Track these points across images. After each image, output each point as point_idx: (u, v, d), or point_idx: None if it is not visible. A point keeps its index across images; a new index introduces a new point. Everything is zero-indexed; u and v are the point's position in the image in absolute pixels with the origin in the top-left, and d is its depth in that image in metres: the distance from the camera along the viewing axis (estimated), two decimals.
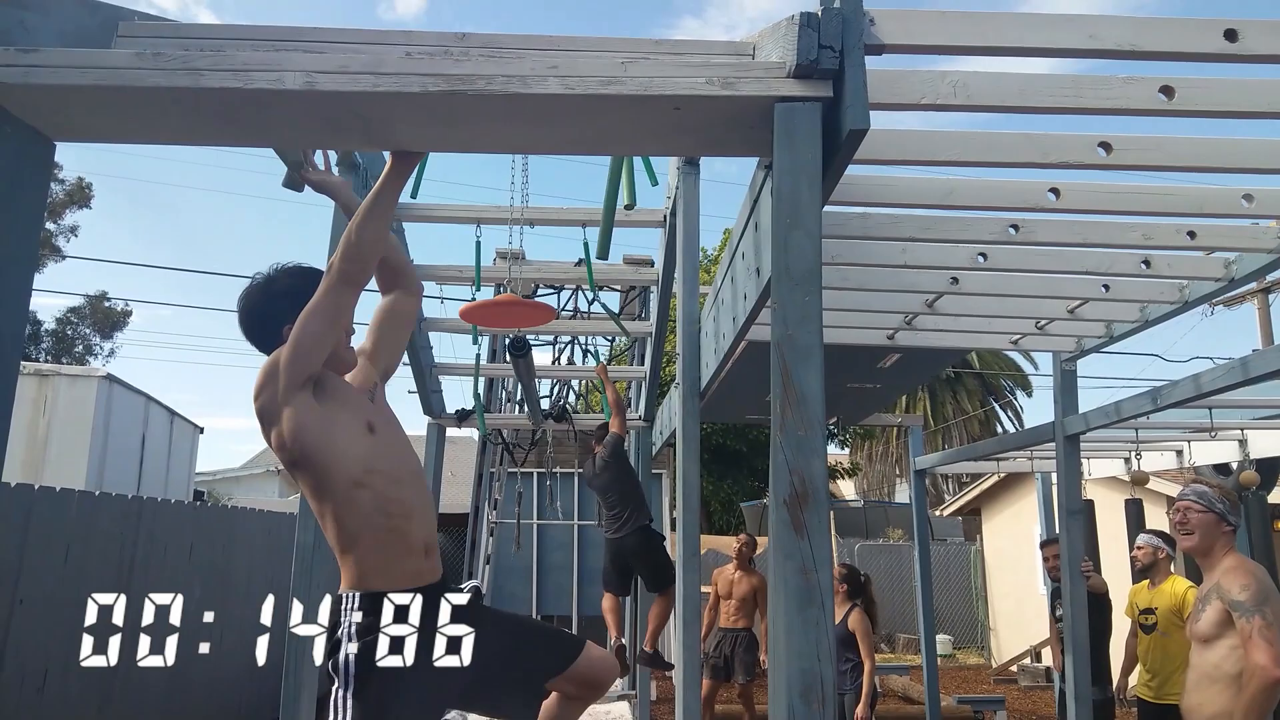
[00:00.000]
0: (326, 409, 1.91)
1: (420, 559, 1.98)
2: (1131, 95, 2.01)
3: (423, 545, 2.00)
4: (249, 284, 2.04)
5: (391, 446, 2.02)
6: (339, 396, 1.97)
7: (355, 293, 1.91)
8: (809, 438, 1.49)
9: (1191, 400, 3.73)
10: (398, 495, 1.96)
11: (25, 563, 4.25)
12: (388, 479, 1.95)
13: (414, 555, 1.97)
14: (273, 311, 1.97)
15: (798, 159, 1.55)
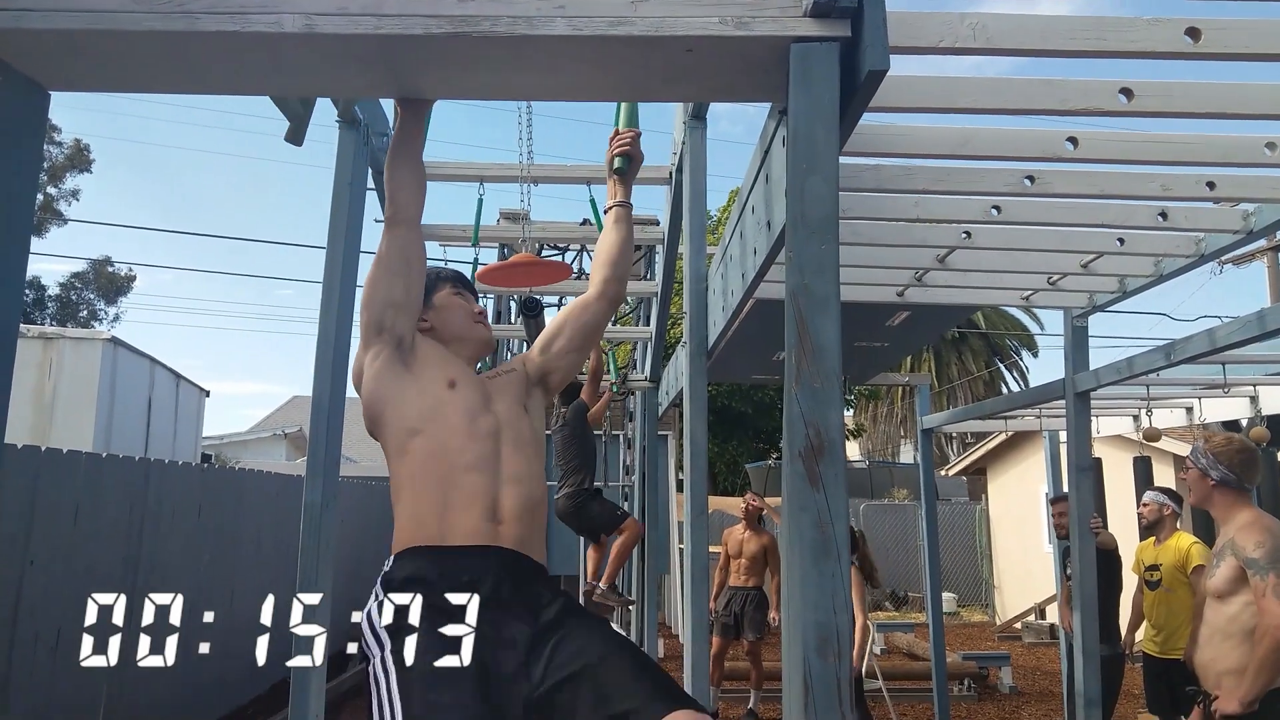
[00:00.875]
0: (408, 369, 1.87)
1: (475, 518, 1.72)
2: (1156, 37, 1.95)
3: (485, 506, 1.74)
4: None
5: (470, 403, 1.84)
6: (431, 360, 1.90)
7: (399, 235, 1.92)
8: (825, 389, 1.46)
9: (1205, 355, 3.68)
10: (458, 444, 1.77)
11: (35, 524, 4.26)
12: (451, 428, 1.79)
13: (467, 512, 1.72)
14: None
15: (814, 102, 1.50)
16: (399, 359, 1.87)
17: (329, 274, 3.34)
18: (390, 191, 1.94)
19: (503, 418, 1.88)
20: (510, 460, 1.82)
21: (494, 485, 1.77)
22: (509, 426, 1.87)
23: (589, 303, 2.15)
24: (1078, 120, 2.48)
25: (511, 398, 1.95)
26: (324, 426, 3.25)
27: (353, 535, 8.44)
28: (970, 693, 7.96)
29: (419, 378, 1.86)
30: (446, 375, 1.88)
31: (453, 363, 1.94)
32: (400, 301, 1.90)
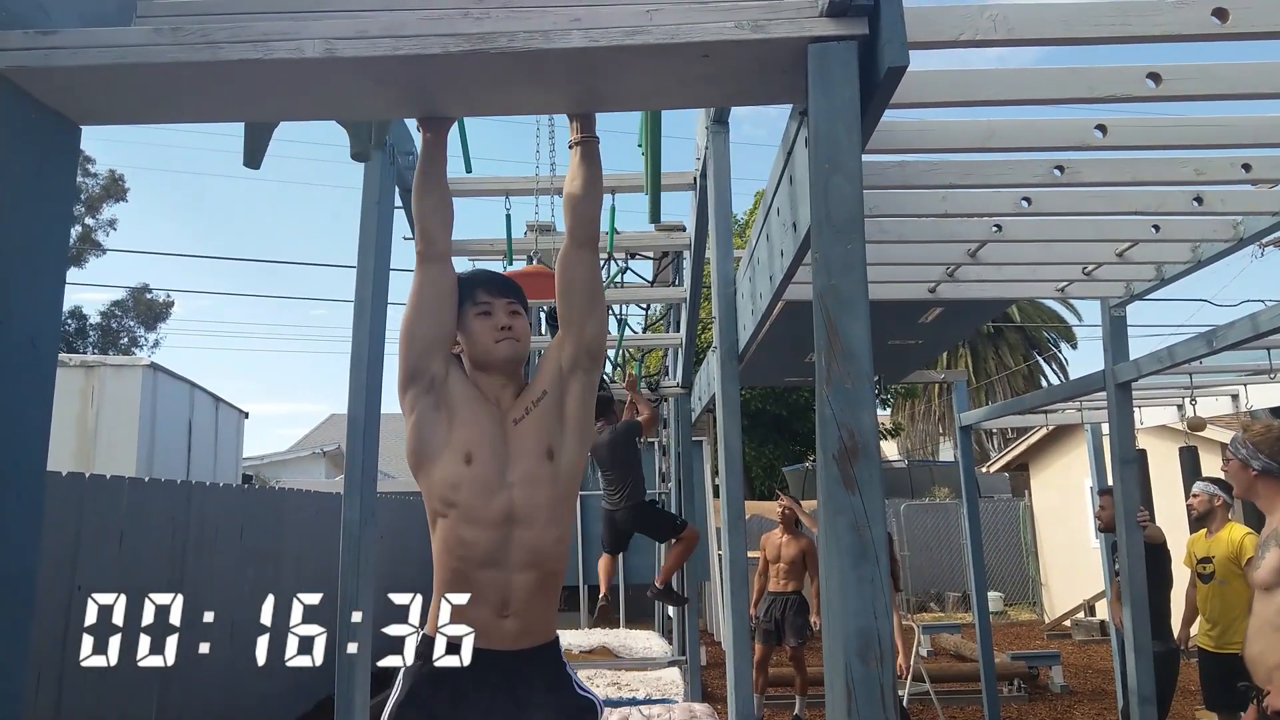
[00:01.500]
0: (439, 418, 1.91)
1: (488, 614, 1.84)
2: (1183, 20, 1.91)
3: (496, 601, 1.85)
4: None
5: (485, 482, 1.87)
6: (459, 410, 1.92)
7: (432, 270, 1.92)
8: (856, 390, 1.44)
9: (1248, 341, 3.60)
10: (471, 537, 1.84)
11: (80, 550, 4.34)
12: (465, 515, 1.85)
13: (481, 609, 1.84)
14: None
15: (834, 101, 1.49)
16: (433, 406, 1.91)
17: (360, 292, 3.38)
18: (421, 222, 1.93)
19: (517, 490, 1.89)
20: (520, 543, 1.87)
21: (505, 578, 1.86)
22: (524, 496, 1.90)
23: (571, 259, 2.01)
24: (1106, 107, 2.44)
25: (536, 449, 1.94)
26: (360, 444, 3.28)
27: (391, 551, 8.50)
28: (1020, 693, 7.83)
29: (445, 441, 1.90)
30: (466, 444, 1.89)
31: (478, 413, 1.94)
32: (437, 339, 1.94)
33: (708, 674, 7.71)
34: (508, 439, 1.92)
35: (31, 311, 1.60)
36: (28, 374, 1.59)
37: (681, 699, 5.96)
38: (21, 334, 1.58)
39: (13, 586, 1.53)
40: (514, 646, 1.87)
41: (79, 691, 4.18)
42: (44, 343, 1.64)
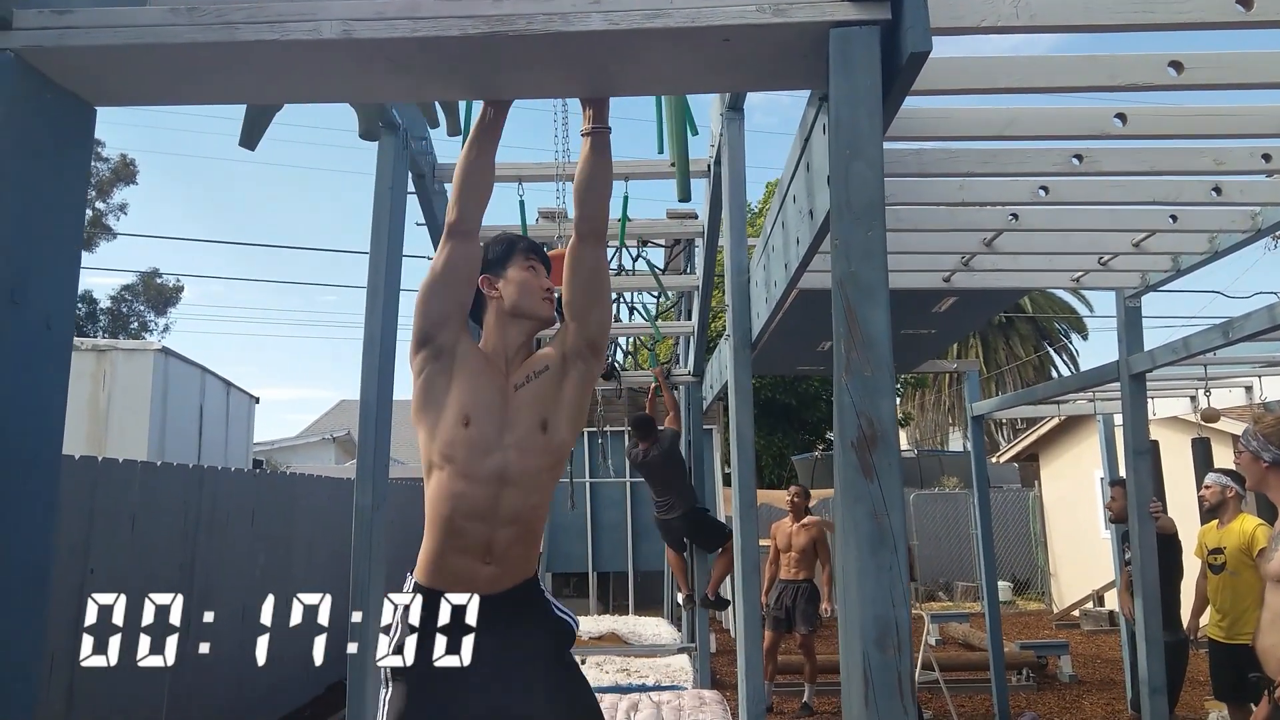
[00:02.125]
0: (441, 383, 1.96)
1: (471, 562, 1.94)
2: (1205, 7, 1.89)
3: (480, 551, 1.94)
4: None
5: (481, 442, 1.93)
6: (464, 375, 1.97)
7: (459, 244, 1.95)
8: (876, 378, 1.43)
9: (1265, 333, 3.57)
10: (462, 490, 1.92)
11: (94, 533, 4.36)
12: (459, 471, 1.92)
13: (464, 557, 1.94)
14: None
15: (856, 87, 1.47)
16: (439, 371, 1.96)
17: (373, 278, 3.38)
18: (459, 195, 1.94)
19: (512, 452, 1.96)
20: (510, 500, 1.95)
21: (491, 530, 1.93)
22: (519, 459, 1.96)
23: (576, 250, 2.04)
24: (1125, 96, 2.41)
25: (531, 417, 1.99)
26: (372, 429, 3.29)
27: (401, 536, 8.52)
28: (1029, 682, 7.83)
29: (447, 404, 1.95)
30: (467, 407, 1.94)
31: (482, 377, 1.99)
32: (451, 313, 1.97)
33: (716, 661, 7.72)
34: (507, 405, 1.98)
35: (47, 294, 1.60)
36: (44, 356, 1.59)
37: (691, 686, 5.98)
38: (37, 316, 1.58)
39: (29, 569, 1.54)
40: (491, 590, 1.93)
41: (92, 677, 4.21)
42: (59, 325, 1.64)
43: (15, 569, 1.51)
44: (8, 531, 1.49)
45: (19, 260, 1.54)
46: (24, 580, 1.53)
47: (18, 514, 1.51)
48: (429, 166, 4.14)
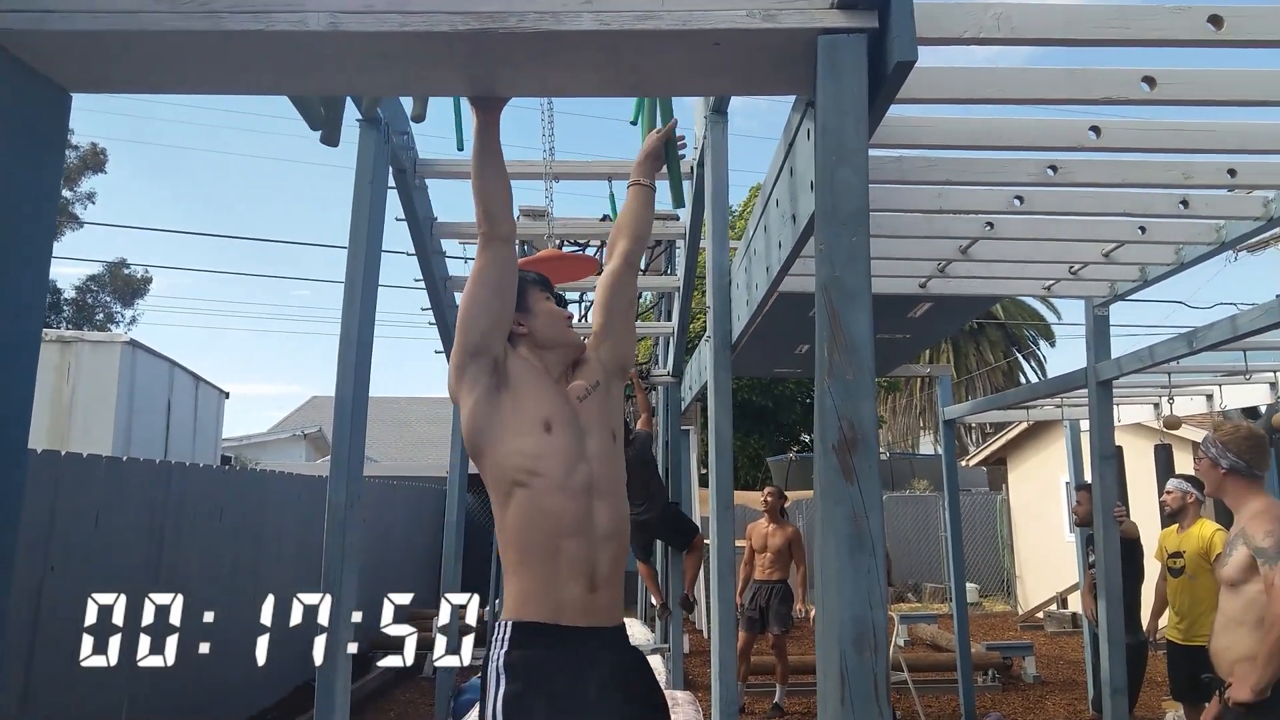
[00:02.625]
0: (503, 396, 1.86)
1: (580, 590, 1.76)
2: (1179, 25, 1.93)
3: (585, 574, 1.77)
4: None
5: (567, 451, 1.83)
6: (525, 386, 1.89)
7: (498, 251, 1.90)
8: (858, 381, 1.45)
9: (1227, 342, 3.65)
10: (557, 507, 1.78)
11: (55, 529, 4.27)
12: (550, 484, 1.78)
13: (571, 584, 1.76)
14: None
15: (843, 94, 1.49)
16: (494, 386, 1.86)
17: (351, 272, 3.35)
18: (484, 204, 1.89)
19: (595, 463, 1.87)
20: (602, 514, 1.84)
21: (592, 550, 1.79)
22: (602, 469, 1.88)
23: (620, 279, 2.15)
24: (1100, 109, 2.46)
25: (603, 427, 1.95)
26: (347, 427, 3.26)
27: (374, 536, 8.47)
28: (994, 683, 7.93)
29: (517, 413, 1.84)
30: (542, 413, 1.85)
31: (545, 388, 1.92)
32: (499, 320, 1.90)
33: (689, 662, 7.74)
34: (579, 414, 1.92)
35: (17, 285, 1.57)
36: (12, 349, 1.56)
37: (663, 687, 5.99)
38: (6, 308, 1.55)
39: None
40: (608, 623, 1.81)
41: (49, 675, 4.13)
42: (29, 317, 1.61)
43: None
44: None
45: None
46: None
47: None
48: (410, 161, 4.12)
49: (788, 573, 7.14)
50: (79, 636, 4.24)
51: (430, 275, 4.95)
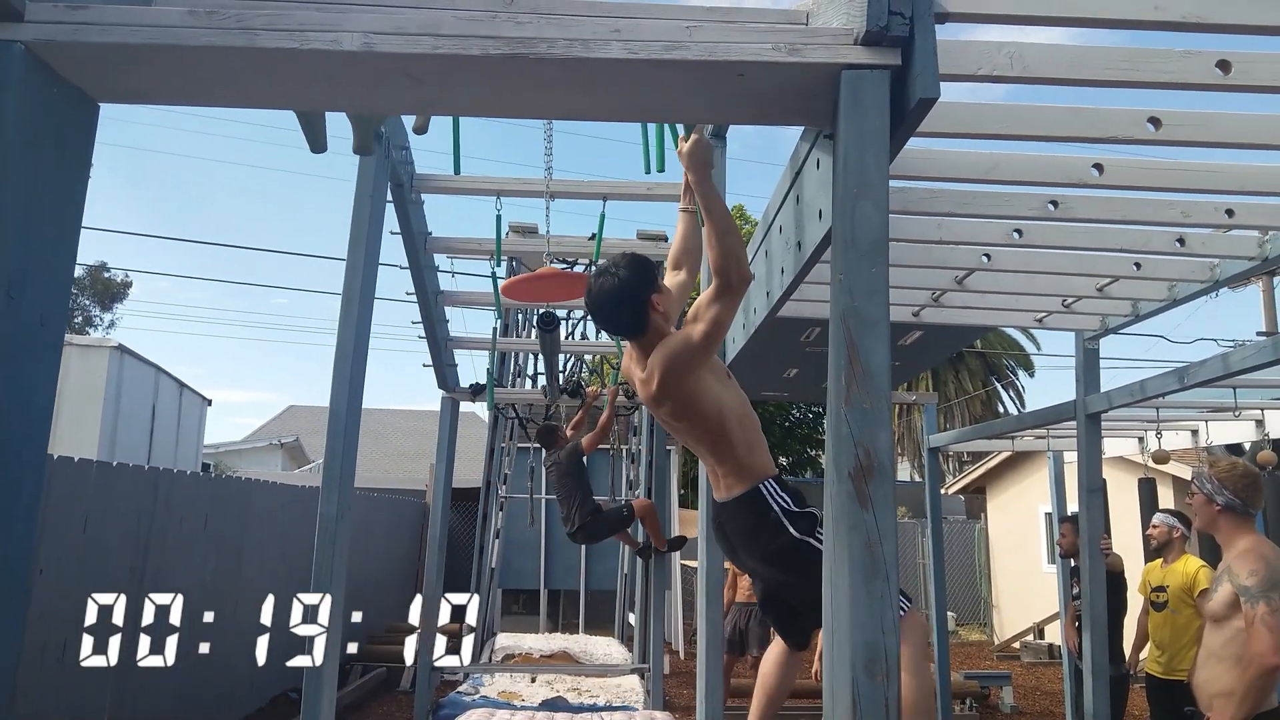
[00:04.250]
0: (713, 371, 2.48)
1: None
2: (1188, 69, 1.98)
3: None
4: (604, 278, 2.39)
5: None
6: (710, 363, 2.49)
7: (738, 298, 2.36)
8: (875, 410, 1.47)
9: (1218, 379, 3.71)
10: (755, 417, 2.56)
11: (44, 532, 4.24)
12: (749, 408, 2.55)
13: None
14: (633, 302, 2.37)
15: (865, 128, 1.52)
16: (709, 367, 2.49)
17: (349, 284, 3.35)
18: (723, 265, 2.24)
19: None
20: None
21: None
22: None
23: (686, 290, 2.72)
24: (1104, 147, 2.51)
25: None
26: (340, 438, 3.25)
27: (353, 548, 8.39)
28: (971, 712, 7.95)
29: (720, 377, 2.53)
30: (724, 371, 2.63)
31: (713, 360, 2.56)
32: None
33: (668, 683, 7.72)
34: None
35: (43, 290, 1.58)
36: (35, 353, 1.57)
37: (642, 707, 5.97)
38: (32, 313, 1.55)
39: (11, 564, 1.51)
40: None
41: (35, 680, 4.09)
42: (53, 322, 1.62)
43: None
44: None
45: (17, 256, 1.51)
46: (8, 577, 1.50)
47: (5, 510, 1.48)
48: (408, 176, 4.13)
49: None
50: (65, 639, 4.21)
51: (423, 289, 4.95)
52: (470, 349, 6.25)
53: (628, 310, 2.39)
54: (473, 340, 6.14)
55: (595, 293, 2.40)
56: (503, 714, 5.09)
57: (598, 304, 2.41)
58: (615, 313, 2.43)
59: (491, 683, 6.76)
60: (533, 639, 8.88)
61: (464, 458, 13.01)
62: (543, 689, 6.59)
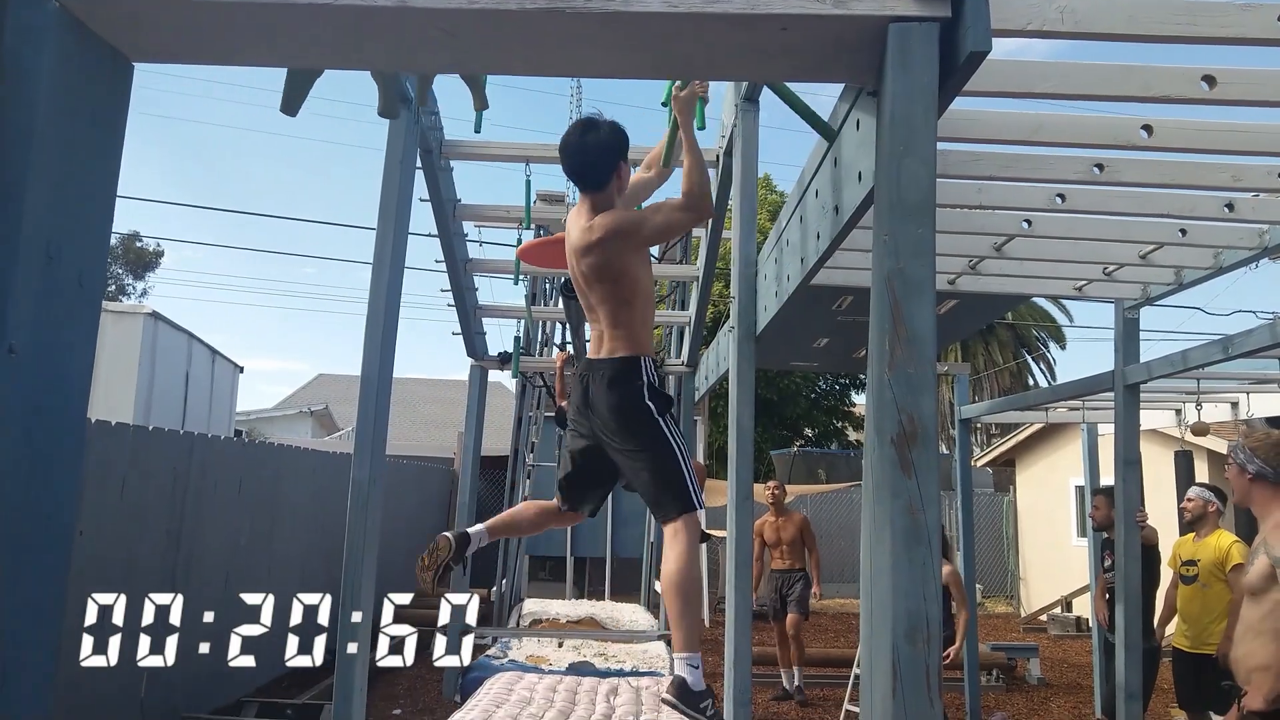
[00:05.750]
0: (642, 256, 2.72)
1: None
2: (1247, 23, 1.91)
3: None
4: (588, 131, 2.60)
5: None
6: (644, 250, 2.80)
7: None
8: (920, 375, 1.44)
9: (1265, 350, 3.62)
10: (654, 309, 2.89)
11: (83, 495, 4.32)
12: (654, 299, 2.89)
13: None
14: (606, 160, 2.59)
15: (913, 83, 1.47)
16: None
17: (379, 251, 3.34)
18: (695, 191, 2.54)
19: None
20: None
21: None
22: None
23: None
24: (1153, 107, 2.44)
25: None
26: (373, 403, 3.26)
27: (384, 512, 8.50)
28: (998, 683, 7.93)
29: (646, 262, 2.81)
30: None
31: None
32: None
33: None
34: None
35: (80, 250, 1.57)
36: (75, 313, 1.56)
37: (669, 672, 6.00)
38: (70, 272, 1.55)
39: (55, 527, 1.52)
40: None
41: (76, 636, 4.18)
42: (90, 282, 1.61)
43: (42, 526, 1.49)
44: (36, 489, 1.47)
45: (57, 217, 1.51)
46: (50, 537, 1.51)
47: (46, 471, 1.49)
48: (436, 142, 4.11)
49: (803, 560, 7.26)
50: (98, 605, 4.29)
51: (451, 256, 4.94)
52: (498, 317, 6.24)
53: (602, 163, 2.60)
54: (501, 308, 6.14)
55: (578, 140, 2.61)
56: (530, 677, 5.14)
57: (580, 148, 2.61)
58: (592, 161, 2.61)
59: (519, 647, 6.83)
60: (559, 605, 8.94)
61: (492, 426, 13.11)
62: (569, 654, 6.65)
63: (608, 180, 2.63)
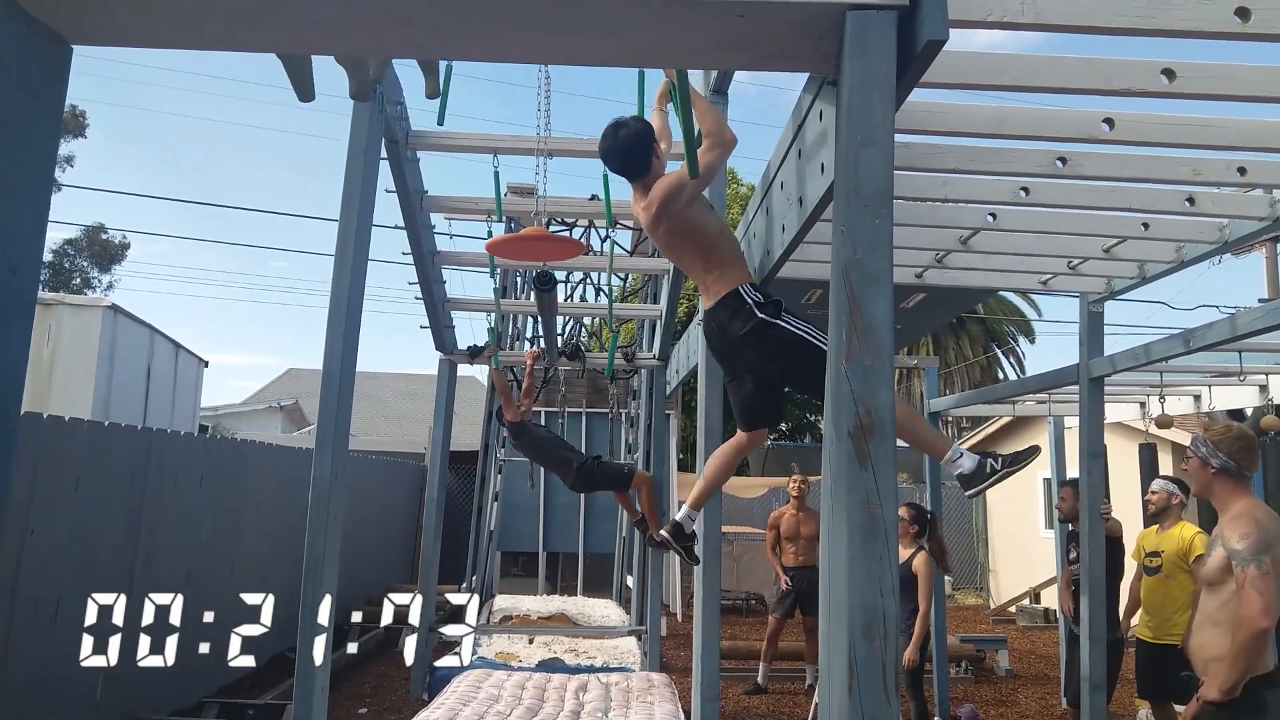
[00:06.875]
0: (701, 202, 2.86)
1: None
2: (1206, 16, 1.90)
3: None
4: (620, 129, 2.80)
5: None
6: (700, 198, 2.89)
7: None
8: (876, 367, 1.43)
9: (1225, 343, 3.66)
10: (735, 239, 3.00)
11: (35, 492, 4.21)
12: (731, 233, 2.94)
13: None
14: (641, 147, 2.80)
15: (870, 71, 1.45)
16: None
17: (342, 243, 3.28)
18: (715, 130, 2.70)
19: None
20: None
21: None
22: None
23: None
24: (1115, 101, 2.43)
25: None
26: (334, 398, 3.20)
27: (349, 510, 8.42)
28: (967, 675, 7.99)
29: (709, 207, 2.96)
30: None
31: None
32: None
33: (665, 644, 7.76)
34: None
35: (14, 239, 1.52)
36: (7, 305, 1.50)
37: (639, 668, 6.00)
38: (2, 262, 1.49)
39: None
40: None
41: (28, 635, 4.08)
42: (25, 273, 1.56)
43: None
44: None
45: None
46: None
47: None
48: (403, 132, 4.04)
49: (816, 559, 7.22)
50: (58, 598, 4.19)
51: (419, 248, 4.88)
52: (467, 310, 6.18)
53: (638, 152, 2.82)
54: (470, 301, 6.08)
55: (614, 142, 2.82)
56: (499, 674, 5.11)
57: (618, 148, 2.82)
58: (632, 153, 2.82)
59: (489, 643, 6.79)
60: (531, 601, 8.91)
61: (462, 420, 13.01)
62: (540, 650, 6.62)
63: (649, 164, 2.85)
